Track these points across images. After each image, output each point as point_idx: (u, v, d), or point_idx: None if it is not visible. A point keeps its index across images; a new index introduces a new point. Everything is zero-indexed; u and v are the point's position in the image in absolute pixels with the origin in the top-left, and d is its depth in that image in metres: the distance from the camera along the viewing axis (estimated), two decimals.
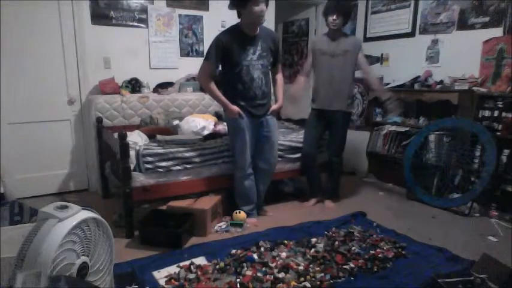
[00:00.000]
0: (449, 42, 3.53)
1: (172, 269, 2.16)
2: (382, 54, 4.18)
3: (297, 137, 3.30)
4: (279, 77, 2.95)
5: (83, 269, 1.45)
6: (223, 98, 2.68)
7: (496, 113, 3.07)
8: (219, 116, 3.65)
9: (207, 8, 4.05)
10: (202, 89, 3.93)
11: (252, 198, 2.92)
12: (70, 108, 3.54)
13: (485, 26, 3.25)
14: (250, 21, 2.59)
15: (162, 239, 2.48)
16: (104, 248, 1.58)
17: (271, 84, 2.91)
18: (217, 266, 2.17)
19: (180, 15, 3.93)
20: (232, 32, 2.64)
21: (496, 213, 3.02)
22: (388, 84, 3.95)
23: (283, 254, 2.32)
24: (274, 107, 2.87)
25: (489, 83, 3.21)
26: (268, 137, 2.85)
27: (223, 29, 2.82)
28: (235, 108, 2.67)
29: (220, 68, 2.74)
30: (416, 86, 3.60)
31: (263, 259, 2.25)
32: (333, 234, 2.63)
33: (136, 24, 3.72)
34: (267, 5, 2.57)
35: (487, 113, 3.13)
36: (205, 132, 3.18)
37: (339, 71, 3.05)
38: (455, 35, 3.48)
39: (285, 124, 3.87)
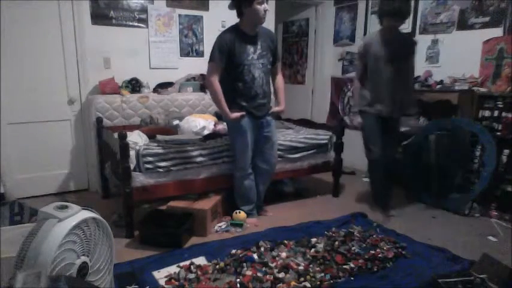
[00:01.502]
0: (449, 42, 3.53)
1: (172, 269, 2.16)
2: None
3: (297, 137, 3.30)
4: (280, 78, 2.93)
5: (83, 269, 1.45)
6: (225, 106, 2.66)
7: (496, 113, 3.06)
8: (219, 116, 3.64)
9: (207, 8, 4.05)
10: (202, 89, 3.94)
11: (251, 198, 2.92)
12: (70, 108, 3.54)
13: (485, 26, 3.25)
14: (253, 20, 2.59)
15: (162, 239, 2.48)
16: (104, 248, 1.58)
17: (271, 85, 2.91)
18: (217, 266, 2.17)
19: (180, 15, 3.92)
20: (232, 31, 2.64)
21: (496, 213, 3.02)
22: None
23: (283, 254, 2.32)
24: (276, 109, 2.86)
25: (489, 83, 3.21)
26: (269, 137, 2.85)
27: (223, 29, 2.82)
28: (235, 116, 2.66)
29: None
30: (416, 86, 3.60)
31: (263, 259, 2.25)
32: (333, 234, 2.63)
33: (136, 24, 3.72)
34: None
35: (487, 113, 3.12)
36: (205, 132, 3.18)
37: (398, 76, 2.88)
38: (455, 35, 3.48)
39: (285, 124, 3.86)
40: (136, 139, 2.84)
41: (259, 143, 2.85)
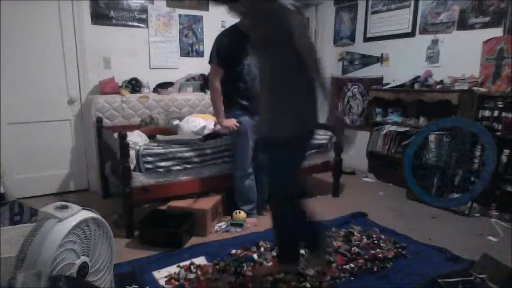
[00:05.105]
0: (449, 42, 3.53)
1: (172, 269, 2.16)
2: (382, 54, 4.18)
3: None
4: None
5: (83, 269, 1.45)
6: (222, 111, 2.72)
7: (496, 113, 3.06)
8: None
9: (207, 8, 4.05)
10: (202, 89, 3.94)
11: (252, 197, 2.92)
12: (70, 108, 3.54)
13: (485, 26, 3.25)
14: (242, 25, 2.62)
15: (162, 239, 2.48)
16: (104, 248, 1.58)
17: None
18: (217, 266, 2.17)
19: (180, 15, 3.93)
20: (231, 32, 2.67)
21: (496, 213, 3.01)
22: (388, 84, 3.95)
23: None
24: None
25: (489, 83, 3.21)
26: None
27: (223, 29, 2.83)
28: (230, 123, 2.69)
29: None
30: (416, 86, 3.60)
31: (263, 259, 2.25)
32: (333, 234, 2.63)
33: (136, 24, 3.72)
34: None
35: (487, 113, 3.12)
36: (205, 132, 3.17)
37: (261, 77, 1.91)
38: (455, 35, 3.48)
39: None
40: (136, 139, 2.84)
41: None
